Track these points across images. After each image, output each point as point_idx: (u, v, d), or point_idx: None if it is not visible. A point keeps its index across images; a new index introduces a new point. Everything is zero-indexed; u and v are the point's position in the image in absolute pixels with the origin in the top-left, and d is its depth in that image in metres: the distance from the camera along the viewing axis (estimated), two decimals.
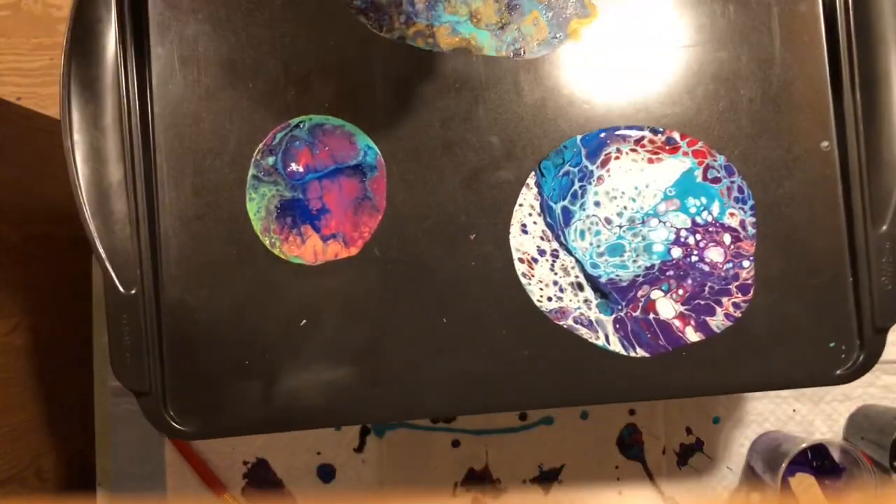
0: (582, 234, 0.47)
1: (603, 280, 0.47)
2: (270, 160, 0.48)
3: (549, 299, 0.47)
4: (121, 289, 0.46)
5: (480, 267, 0.47)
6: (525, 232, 0.47)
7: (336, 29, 0.48)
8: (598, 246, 0.47)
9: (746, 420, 0.68)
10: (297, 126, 0.48)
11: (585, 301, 0.47)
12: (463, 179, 0.48)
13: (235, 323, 0.47)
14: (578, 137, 0.47)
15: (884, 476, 0.60)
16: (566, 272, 0.47)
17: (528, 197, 0.47)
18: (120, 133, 0.47)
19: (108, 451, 0.68)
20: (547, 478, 0.69)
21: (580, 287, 0.47)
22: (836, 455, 0.62)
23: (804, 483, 0.60)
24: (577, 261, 0.47)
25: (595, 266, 0.47)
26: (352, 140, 0.48)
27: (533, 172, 0.47)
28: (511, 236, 0.47)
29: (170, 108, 0.48)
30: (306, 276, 0.48)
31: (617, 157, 0.47)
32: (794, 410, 0.67)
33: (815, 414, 0.68)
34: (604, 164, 0.47)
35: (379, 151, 0.48)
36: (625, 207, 0.47)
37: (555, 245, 0.47)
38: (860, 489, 0.58)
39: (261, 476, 0.68)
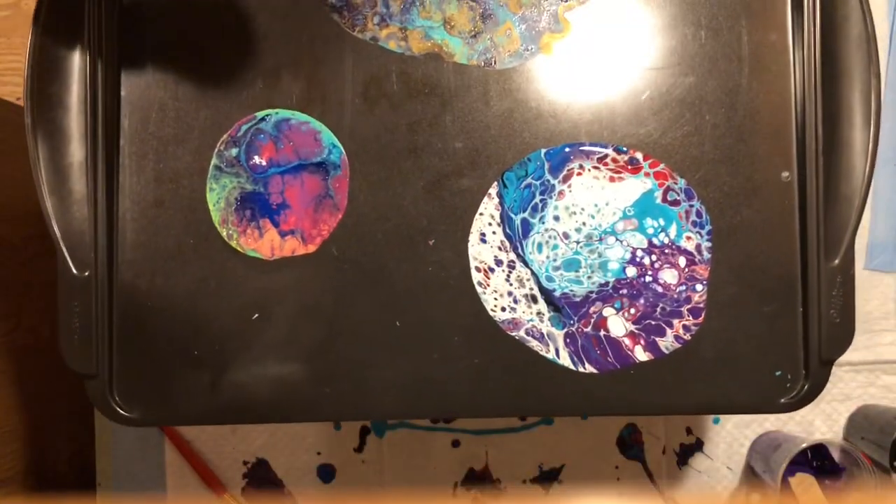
0: (539, 246, 0.47)
1: (557, 294, 0.47)
2: (234, 151, 0.48)
3: (503, 309, 0.47)
4: (74, 270, 0.46)
5: (437, 273, 0.48)
6: (484, 241, 0.47)
7: (309, 25, 0.48)
8: (555, 260, 0.47)
9: (746, 420, 0.68)
10: (262, 119, 0.48)
11: (538, 314, 0.47)
12: (426, 184, 0.48)
13: (187, 312, 0.47)
14: (543, 151, 0.47)
15: (884, 476, 0.60)
16: (521, 284, 0.47)
17: (489, 207, 0.47)
18: (84, 114, 0.46)
19: (108, 451, 0.68)
20: (547, 478, 0.69)
21: (534, 299, 0.47)
22: (835, 455, 0.62)
23: (804, 483, 0.59)
24: (533, 273, 0.47)
25: (550, 279, 0.47)
26: (317, 137, 0.48)
27: (496, 182, 0.48)
28: (469, 244, 0.47)
29: (137, 93, 0.48)
30: (261, 271, 0.48)
31: (579, 174, 0.47)
32: None
33: (814, 414, 0.67)
34: (566, 179, 0.47)
35: (343, 150, 0.48)
36: (583, 223, 0.47)
37: (512, 256, 0.47)
38: (860, 489, 0.58)
39: (261, 476, 0.68)
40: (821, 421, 0.67)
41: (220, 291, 0.47)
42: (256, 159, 0.48)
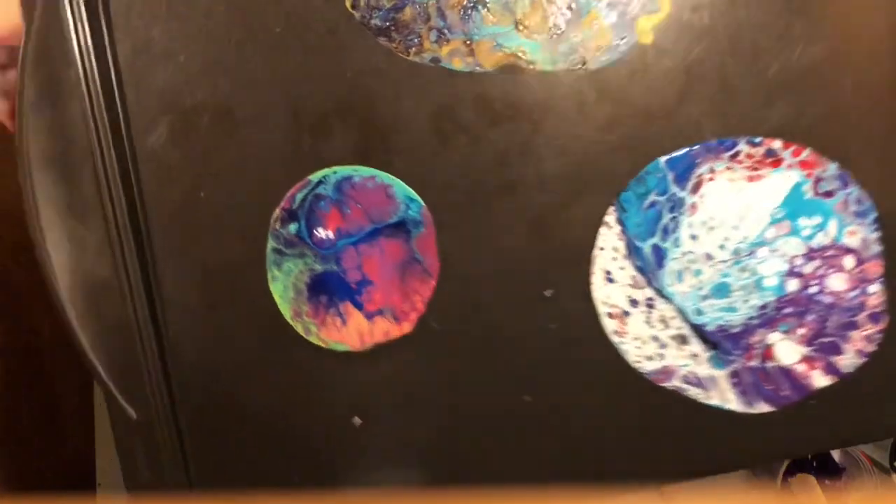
0: (679, 275, 0.39)
1: (710, 328, 0.39)
2: (292, 228, 0.39)
3: (650, 358, 0.39)
4: (132, 413, 0.37)
5: (563, 329, 0.39)
6: (611, 280, 0.39)
7: (352, 57, 0.39)
8: (701, 288, 0.39)
9: None
10: (319, 182, 0.39)
11: (693, 356, 0.39)
12: (529, 225, 0.39)
13: (275, 432, 0.39)
14: (662, 160, 0.39)
15: (884, 476, 0.58)
16: (666, 324, 0.39)
17: (609, 238, 0.39)
18: (103, 219, 0.37)
19: (109, 452, 0.65)
20: None
21: (684, 340, 0.39)
22: (836, 455, 0.61)
23: (804, 483, 0.58)
24: (678, 308, 0.39)
25: (699, 312, 0.39)
26: (388, 193, 0.39)
27: (612, 208, 0.39)
28: (594, 288, 0.39)
29: (158, 179, 0.39)
30: (353, 365, 0.39)
31: (711, 179, 0.39)
32: None
33: None
34: (696, 188, 0.39)
35: (423, 203, 0.39)
36: (727, 238, 0.39)
37: (649, 292, 0.39)
38: (860, 489, 0.57)
39: None
40: None
41: (309, 400, 0.39)
42: (321, 232, 0.39)
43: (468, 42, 0.39)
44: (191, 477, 0.39)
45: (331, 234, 0.39)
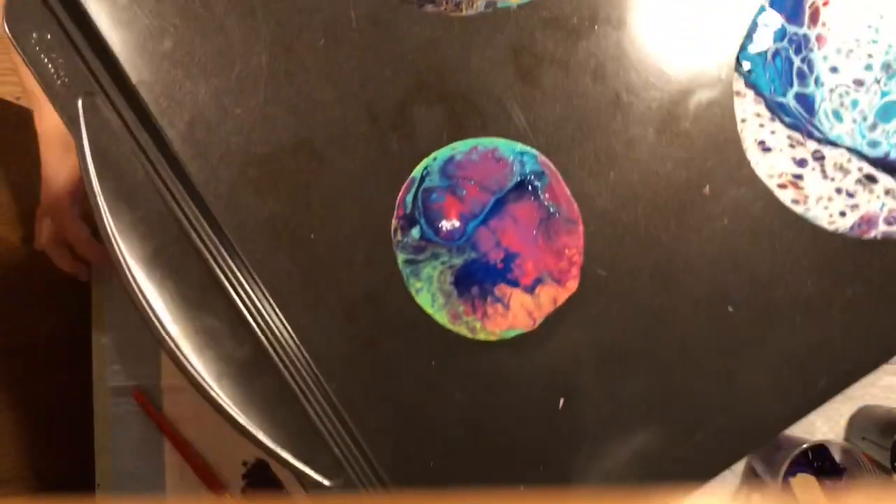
0: (836, 114, 0.35)
1: (893, 156, 0.35)
2: (415, 232, 0.36)
3: (842, 214, 0.35)
4: (327, 483, 0.34)
5: (737, 220, 0.35)
6: (767, 149, 0.35)
7: (406, 37, 0.36)
8: (865, 118, 0.35)
9: None
10: (423, 177, 0.35)
11: (887, 192, 0.35)
12: (658, 129, 0.35)
13: (482, 447, 0.35)
14: (765, 2, 0.35)
15: (885, 477, 0.56)
16: (844, 171, 0.35)
17: (747, 107, 0.35)
18: (227, 304, 0.34)
19: (108, 451, 0.67)
20: None
21: (872, 179, 0.35)
22: (836, 455, 0.60)
23: (805, 483, 0.58)
24: (850, 149, 0.35)
25: (874, 144, 0.35)
26: (496, 156, 0.35)
27: (735, 74, 0.35)
28: (753, 164, 0.35)
29: (262, 240, 0.36)
30: (534, 346, 0.35)
31: (826, 3, 0.35)
32: None
33: (815, 414, 0.62)
34: (814, 19, 0.35)
35: (536, 151, 0.35)
36: (870, 56, 0.35)
37: (812, 145, 0.35)
38: (861, 490, 0.56)
39: (261, 476, 0.66)
40: (822, 421, 0.65)
41: (504, 399, 0.35)
42: (446, 225, 0.35)
43: None
44: None
45: (456, 223, 0.36)
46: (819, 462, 0.60)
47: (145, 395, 0.67)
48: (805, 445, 0.53)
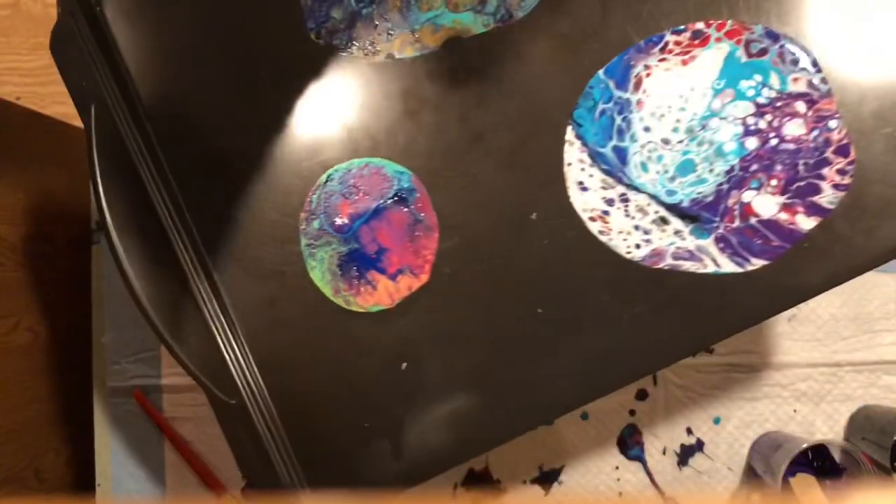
0: (644, 166, 0.43)
1: (685, 204, 0.43)
2: (315, 224, 0.47)
3: (638, 246, 0.43)
4: (226, 399, 0.46)
5: (555, 242, 0.44)
6: (585, 189, 0.44)
7: (329, 76, 0.47)
8: (666, 171, 0.43)
9: (747, 420, 0.68)
10: (326, 182, 0.47)
11: (676, 233, 0.43)
12: (503, 163, 0.45)
13: (342, 391, 0.46)
14: (601, 72, 0.44)
15: (885, 476, 0.58)
16: (643, 212, 0.43)
17: (573, 153, 0.44)
18: (177, 245, 0.47)
19: (108, 451, 0.68)
20: (547, 478, 0.69)
21: (664, 221, 0.43)
22: (836, 455, 0.61)
23: (805, 483, 0.60)
24: (650, 195, 0.43)
25: (671, 193, 0.43)
26: (382, 173, 0.46)
27: (569, 127, 0.44)
28: (572, 199, 0.44)
29: (205, 216, 0.48)
30: (390, 320, 0.46)
31: (648, 75, 0.43)
32: (794, 411, 0.67)
33: (815, 414, 0.68)
34: (637, 86, 0.43)
35: (411, 172, 0.46)
36: (678, 121, 0.43)
37: (620, 189, 0.43)
38: (861, 490, 0.57)
39: None
40: (821, 421, 0.67)
41: (363, 357, 0.46)
42: (339, 221, 0.47)
43: (413, 32, 0.46)
44: (287, 447, 0.46)
45: (346, 220, 0.47)
46: (819, 462, 0.61)
47: (145, 395, 0.68)
48: (805, 445, 0.57)
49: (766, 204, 0.42)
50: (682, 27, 0.43)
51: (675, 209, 0.43)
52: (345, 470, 0.46)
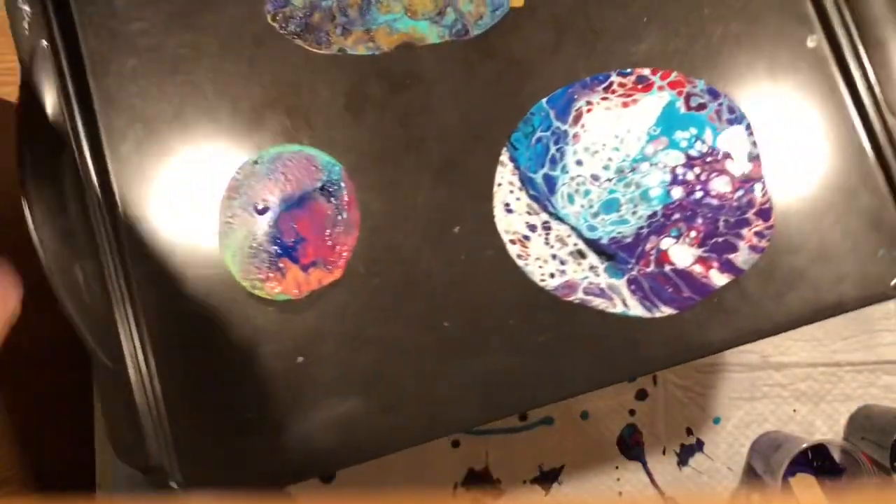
0: (570, 198, 0.43)
1: (604, 241, 0.43)
2: (236, 203, 0.46)
3: (552, 276, 0.43)
4: (109, 364, 0.44)
5: (472, 259, 0.44)
6: (510, 211, 0.44)
7: (277, 60, 0.47)
8: (591, 206, 0.43)
9: (746, 420, 0.68)
10: (255, 163, 0.46)
11: (591, 268, 0.43)
12: (435, 174, 0.45)
13: (231, 377, 0.44)
14: (544, 100, 0.44)
15: (884, 476, 0.58)
16: (563, 242, 0.43)
17: (505, 175, 0.44)
18: (83, 213, 0.46)
19: (108, 451, 0.67)
20: (547, 478, 0.69)
21: (581, 254, 0.43)
22: (836, 455, 0.61)
23: (805, 483, 0.60)
24: (572, 227, 0.43)
25: (592, 228, 0.43)
26: (313, 162, 0.46)
27: (504, 148, 0.44)
28: (497, 219, 0.44)
29: (131, 177, 0.47)
30: (294, 312, 0.45)
31: (589, 110, 0.44)
32: (794, 411, 0.67)
33: (815, 414, 0.67)
34: (576, 120, 0.44)
35: (342, 166, 0.45)
36: (610, 159, 0.43)
37: (544, 217, 0.43)
38: (861, 489, 0.57)
39: None
40: (821, 421, 0.67)
41: (259, 346, 0.45)
42: (260, 204, 0.46)
43: (368, 31, 0.46)
44: (164, 427, 0.44)
45: (267, 205, 0.46)
46: (819, 462, 0.62)
47: None
48: (805, 445, 0.57)
49: (682, 254, 0.42)
50: (629, 70, 0.43)
51: (593, 244, 0.43)
52: (222, 461, 0.44)
